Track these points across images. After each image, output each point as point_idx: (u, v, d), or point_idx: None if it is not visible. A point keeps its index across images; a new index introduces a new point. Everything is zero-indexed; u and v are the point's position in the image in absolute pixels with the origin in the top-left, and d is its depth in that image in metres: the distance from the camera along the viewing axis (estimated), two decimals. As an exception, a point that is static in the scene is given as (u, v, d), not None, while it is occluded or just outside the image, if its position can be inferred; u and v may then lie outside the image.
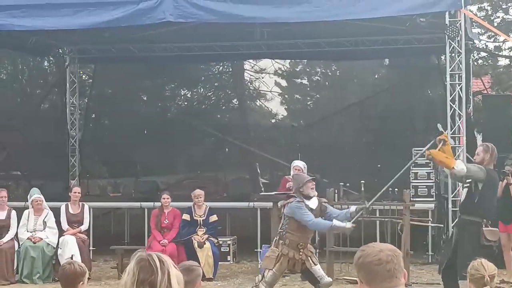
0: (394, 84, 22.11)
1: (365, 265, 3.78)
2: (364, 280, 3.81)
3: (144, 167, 19.97)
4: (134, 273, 3.28)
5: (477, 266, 5.86)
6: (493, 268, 5.82)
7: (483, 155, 9.02)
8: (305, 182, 9.86)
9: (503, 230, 12.62)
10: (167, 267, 3.31)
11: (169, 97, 24.48)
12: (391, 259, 3.75)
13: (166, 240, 13.95)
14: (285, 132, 22.34)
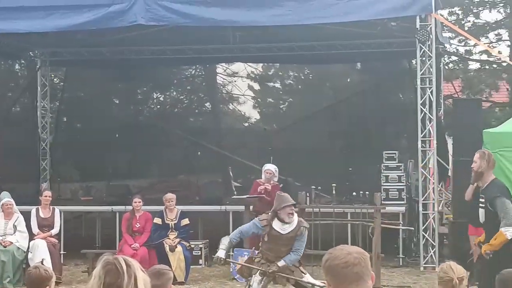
0: (366, 88, 22.21)
1: (332, 267, 3.79)
2: (332, 283, 3.81)
3: (116, 171, 19.86)
4: (100, 277, 3.27)
5: (446, 269, 5.89)
6: (462, 271, 5.85)
7: (479, 162, 8.99)
8: (283, 207, 9.71)
9: (474, 233, 12.68)
10: (134, 271, 3.30)
11: (141, 100, 24.40)
12: (358, 262, 3.75)
13: (138, 244, 13.90)
14: (258, 135, 22.34)
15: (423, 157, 15.16)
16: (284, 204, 9.73)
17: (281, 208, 9.72)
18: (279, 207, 9.72)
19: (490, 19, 22.90)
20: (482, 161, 8.86)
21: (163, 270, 5.93)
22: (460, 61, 23.48)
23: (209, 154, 20.59)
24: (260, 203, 14.17)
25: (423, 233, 14.81)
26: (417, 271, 14.45)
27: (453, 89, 22.99)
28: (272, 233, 9.69)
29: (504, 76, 22.25)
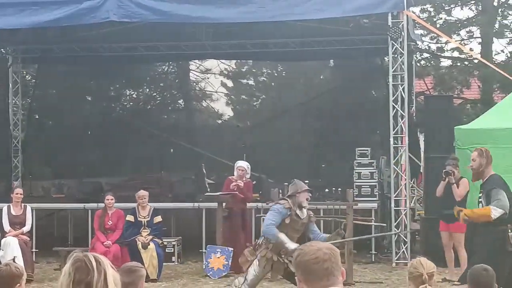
0: (339, 84, 22.29)
1: (303, 263, 3.80)
2: (302, 278, 3.83)
3: (88, 168, 19.79)
4: (70, 274, 3.26)
5: (415, 264, 5.92)
6: (431, 266, 5.87)
7: (479, 160, 9.01)
8: (302, 191, 9.81)
9: (445, 229, 12.80)
10: (104, 267, 3.30)
11: (113, 97, 24.30)
12: (328, 258, 3.77)
13: (110, 241, 13.85)
14: (231, 132, 22.34)
15: (395, 154, 15.24)
16: (304, 188, 9.84)
17: (301, 192, 9.79)
18: (300, 190, 9.79)
19: (461, 17, 23.09)
20: (482, 159, 8.89)
21: (135, 267, 5.91)
22: (432, 58, 23.61)
23: (182, 151, 20.55)
24: (233, 200, 14.19)
25: (395, 229, 14.89)
26: (389, 267, 14.53)
27: (425, 86, 23.12)
28: (293, 217, 9.74)
29: (475, 73, 22.38)
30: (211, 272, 13.82)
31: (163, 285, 13.13)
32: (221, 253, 13.89)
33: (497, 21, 22.39)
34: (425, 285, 5.77)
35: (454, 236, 12.65)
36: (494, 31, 22.13)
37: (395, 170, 15.20)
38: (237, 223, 14.22)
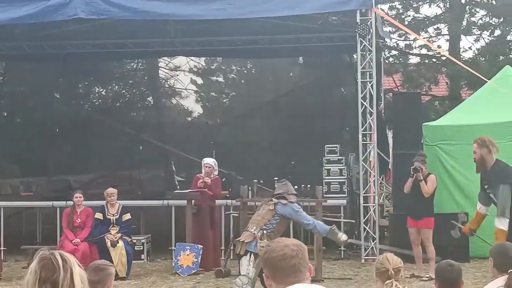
0: (308, 82, 22.34)
1: (270, 260, 3.81)
2: (270, 275, 3.84)
3: (57, 166, 19.65)
4: (36, 272, 3.24)
5: (382, 260, 5.95)
6: (398, 262, 5.91)
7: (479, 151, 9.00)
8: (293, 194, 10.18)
9: (413, 225, 12.87)
10: (70, 266, 3.28)
11: (82, 94, 24.16)
12: (296, 254, 3.78)
13: (79, 239, 13.79)
14: (201, 129, 22.30)
15: (364, 151, 15.31)
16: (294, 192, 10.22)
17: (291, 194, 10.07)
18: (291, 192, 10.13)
19: (429, 14, 23.20)
20: (482, 149, 8.89)
21: (103, 266, 5.88)
22: (400, 55, 23.73)
23: (151, 149, 20.46)
24: (202, 197, 14.17)
25: (364, 225, 14.96)
26: (358, 263, 14.60)
27: (393, 83, 23.25)
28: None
29: (443, 70, 22.54)
30: (181, 269, 13.80)
31: (132, 283, 13.10)
32: (190, 250, 13.88)
33: (464, 18, 22.55)
34: (391, 281, 5.80)
35: (422, 232, 12.73)
36: (461, 28, 22.29)
37: (363, 167, 15.27)
38: (206, 220, 14.20)
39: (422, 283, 12.24)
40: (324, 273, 13.07)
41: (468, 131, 14.72)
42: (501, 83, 15.00)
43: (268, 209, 10.01)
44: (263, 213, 10.03)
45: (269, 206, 10.03)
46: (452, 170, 14.93)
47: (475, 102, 16.01)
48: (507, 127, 14.60)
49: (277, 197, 10.14)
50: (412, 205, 12.85)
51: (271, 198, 10.19)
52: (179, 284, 12.87)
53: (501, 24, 22.04)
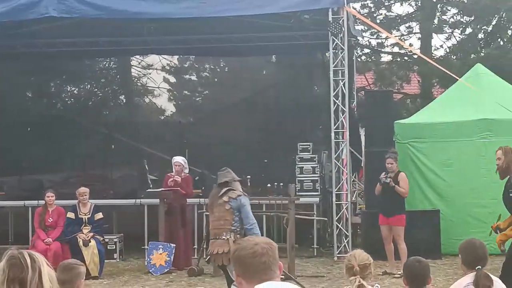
0: (281, 80, 22.37)
1: (240, 258, 3.82)
2: (240, 273, 3.85)
3: (29, 165, 19.49)
4: (4, 271, 3.24)
5: (349, 256, 6.01)
6: (365, 258, 5.95)
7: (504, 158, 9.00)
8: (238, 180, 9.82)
9: (384, 223, 12.94)
10: (39, 265, 3.27)
11: (54, 93, 24.01)
12: (266, 252, 3.79)
13: (50, 238, 13.72)
14: (174, 128, 22.24)
15: (337, 149, 15.36)
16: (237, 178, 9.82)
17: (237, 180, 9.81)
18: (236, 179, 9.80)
19: (401, 12, 23.32)
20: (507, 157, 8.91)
21: (72, 265, 5.86)
22: (372, 53, 23.83)
23: (123, 148, 20.35)
24: (174, 196, 14.15)
25: (337, 223, 15.01)
26: (331, 261, 14.64)
27: (365, 81, 23.36)
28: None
29: (415, 68, 22.68)
30: (153, 268, 13.78)
31: (105, 282, 13.05)
32: (163, 249, 13.86)
33: (436, 16, 22.68)
34: (355, 277, 5.84)
35: (394, 229, 12.82)
36: (433, 27, 22.43)
37: (336, 165, 15.32)
38: (177, 219, 14.18)
39: (394, 280, 12.30)
40: (297, 271, 13.09)
41: (440, 129, 14.84)
42: (472, 81, 15.11)
43: (225, 209, 9.55)
44: (224, 215, 9.57)
45: (224, 206, 9.55)
46: (423, 167, 15.03)
47: (447, 100, 16.12)
48: (478, 125, 14.72)
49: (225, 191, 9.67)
50: (383, 203, 12.93)
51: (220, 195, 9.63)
52: (151, 283, 12.84)
53: (472, 22, 22.19)
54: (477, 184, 14.44)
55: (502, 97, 14.55)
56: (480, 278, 5.87)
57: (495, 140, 14.62)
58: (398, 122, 15.63)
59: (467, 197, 14.59)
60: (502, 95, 14.74)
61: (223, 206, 9.55)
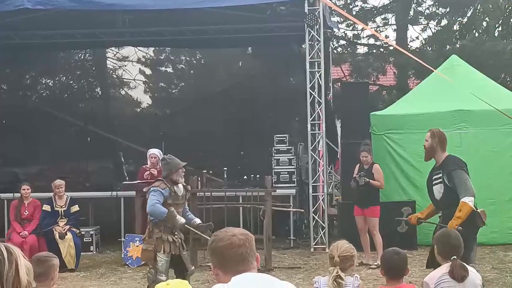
0: (258, 72, 22.35)
1: (217, 249, 3.83)
2: (217, 264, 3.86)
3: (4, 158, 19.40)
4: (-19, 264, 3.22)
5: (332, 247, 6.06)
6: (347, 249, 5.99)
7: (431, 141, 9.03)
8: (177, 169, 9.76)
9: (359, 214, 13.02)
10: (15, 258, 3.26)
11: (29, 85, 23.85)
12: (243, 243, 3.80)
13: (26, 231, 13.68)
14: (150, 120, 22.19)
15: (313, 140, 15.38)
16: (178, 166, 9.73)
17: (176, 171, 9.71)
18: (175, 169, 9.71)
19: (377, 4, 23.39)
20: (433, 140, 8.95)
21: (45, 257, 5.86)
22: (348, 45, 23.89)
23: (99, 140, 20.28)
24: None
25: (313, 214, 15.05)
26: (308, 252, 14.69)
27: (341, 73, 23.42)
28: (172, 195, 9.67)
29: (391, 60, 22.76)
30: (130, 260, 13.76)
31: (81, 274, 13.02)
32: (139, 241, 13.78)
33: (412, 8, 22.77)
34: (335, 268, 5.88)
35: (369, 220, 12.90)
36: (409, 18, 22.52)
37: (312, 156, 15.35)
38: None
39: (370, 270, 12.37)
40: (273, 262, 13.13)
41: (416, 120, 14.91)
42: (447, 73, 15.17)
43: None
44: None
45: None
46: (399, 159, 15.10)
47: (422, 91, 16.20)
48: (453, 116, 14.81)
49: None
50: (358, 194, 13.00)
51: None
52: (128, 276, 12.83)
53: (448, 14, 22.30)
54: (452, 175, 14.50)
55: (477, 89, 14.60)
56: (455, 267, 5.93)
57: (470, 131, 14.75)
58: (374, 113, 15.68)
59: (442, 187, 14.65)
60: (477, 87, 14.82)
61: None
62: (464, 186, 8.58)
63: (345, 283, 5.88)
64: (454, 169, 8.71)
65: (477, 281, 6.00)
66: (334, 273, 5.87)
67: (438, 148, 8.92)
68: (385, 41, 22.19)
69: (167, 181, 9.68)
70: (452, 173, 8.69)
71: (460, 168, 8.72)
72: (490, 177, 14.49)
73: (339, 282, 5.84)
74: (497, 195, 14.52)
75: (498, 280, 11.37)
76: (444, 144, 9.00)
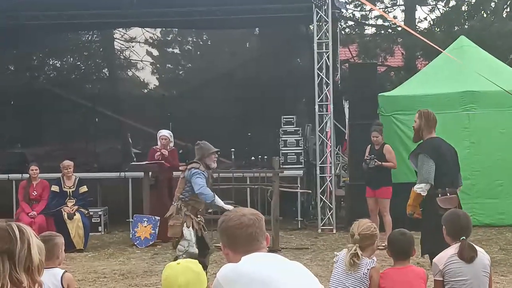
0: (265, 53, 22.29)
1: (227, 229, 3.85)
2: (227, 244, 3.88)
3: (12, 139, 19.47)
4: (-8, 243, 3.24)
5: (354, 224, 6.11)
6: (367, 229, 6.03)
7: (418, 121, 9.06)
8: (210, 153, 9.89)
9: (371, 195, 13.00)
10: (28, 237, 3.27)
11: (37, 67, 23.85)
12: (252, 223, 3.82)
13: (35, 212, 13.73)
14: (157, 101, 22.16)
15: (320, 121, 15.38)
16: (211, 150, 9.92)
17: (208, 155, 9.87)
18: (207, 153, 9.86)
19: (385, -16, 23.29)
20: (420, 120, 8.98)
21: (49, 236, 5.89)
22: (356, 26, 23.81)
23: (107, 121, 20.31)
24: (160, 169, 14.17)
25: (321, 196, 15.07)
26: (315, 233, 14.72)
27: (349, 54, 23.35)
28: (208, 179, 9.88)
29: (399, 41, 22.69)
30: (138, 241, 13.82)
31: (90, 255, 13.08)
32: (148, 222, 13.89)
33: (420, -12, 22.69)
34: (354, 245, 5.92)
35: (380, 201, 12.88)
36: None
37: (320, 138, 15.35)
38: (164, 192, 14.21)
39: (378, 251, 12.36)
40: (281, 243, 13.17)
41: (424, 101, 14.86)
42: (456, 53, 15.13)
43: (181, 178, 10.04)
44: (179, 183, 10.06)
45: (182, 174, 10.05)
46: (407, 140, 15.05)
47: (430, 72, 16.15)
48: (462, 97, 14.78)
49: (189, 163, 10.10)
50: (370, 176, 12.98)
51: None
52: (136, 256, 12.88)
53: (456, -6, 22.21)
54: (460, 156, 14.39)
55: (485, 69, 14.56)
56: (464, 248, 5.94)
57: (478, 112, 14.72)
58: (382, 94, 15.66)
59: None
60: (485, 67, 14.78)
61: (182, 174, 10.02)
62: (419, 172, 8.68)
63: (360, 263, 5.91)
64: (420, 153, 8.78)
65: (486, 261, 6.01)
66: (352, 251, 5.90)
67: (425, 129, 8.95)
68: (393, 22, 22.11)
69: (201, 163, 9.80)
70: (419, 156, 8.76)
71: (424, 153, 8.75)
72: (498, 158, 14.49)
73: (354, 261, 5.86)
74: (504, 176, 14.52)
75: (505, 261, 11.39)
76: (431, 125, 9.01)
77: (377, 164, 12.71)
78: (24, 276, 3.19)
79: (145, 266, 11.79)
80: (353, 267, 5.89)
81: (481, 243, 9.56)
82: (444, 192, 8.62)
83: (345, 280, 5.93)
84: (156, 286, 9.96)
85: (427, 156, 8.73)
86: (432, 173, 8.63)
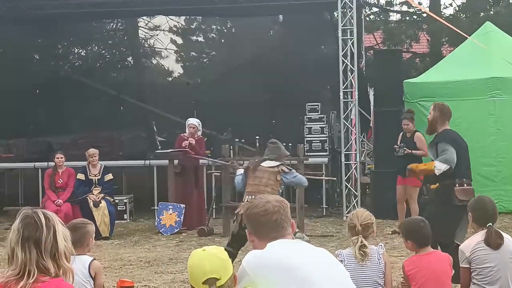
0: (289, 40, 22.22)
1: (252, 216, 3.86)
2: (252, 230, 3.89)
3: (37, 127, 19.54)
4: (19, 230, 3.27)
5: (352, 216, 6.03)
6: (367, 218, 5.95)
7: (433, 113, 9.01)
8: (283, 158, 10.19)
9: (401, 183, 12.90)
10: (53, 224, 3.29)
11: (62, 55, 23.96)
12: (277, 210, 3.83)
13: (61, 200, 13.81)
14: (181, 89, 22.17)
15: (345, 108, 15.34)
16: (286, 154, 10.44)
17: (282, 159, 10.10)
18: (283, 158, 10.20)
19: (410, -30, 23.13)
20: (435, 113, 8.91)
21: (80, 224, 5.92)
22: (381, 12, 23.69)
23: (132, 109, 20.39)
24: (185, 157, 14.19)
25: (346, 183, 15.04)
26: (340, 221, 14.69)
27: (374, 41, 23.24)
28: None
29: (424, 27, 22.55)
30: (163, 228, 13.87)
31: (116, 242, 13.14)
32: (173, 209, 13.93)
33: (445, -26, 22.53)
34: (357, 237, 5.86)
35: (409, 189, 12.76)
36: (442, -15, 22.28)
37: (345, 125, 15.32)
38: (190, 180, 14.25)
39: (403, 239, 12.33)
40: (306, 230, 13.15)
41: (449, 88, 14.78)
42: (481, 40, 15.02)
43: (275, 179, 9.77)
44: (271, 183, 9.75)
45: (275, 175, 9.77)
46: (432, 127, 14.98)
47: (456, 58, 16.04)
48: (487, 83, 14.67)
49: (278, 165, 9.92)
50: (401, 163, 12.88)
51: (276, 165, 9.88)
52: (162, 243, 12.93)
53: (482, -20, 22.03)
54: (486, 143, 14.42)
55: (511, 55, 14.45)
56: (491, 235, 5.90)
57: (504, 99, 14.60)
58: (407, 81, 15.58)
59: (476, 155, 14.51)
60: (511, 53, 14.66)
61: (274, 175, 9.80)
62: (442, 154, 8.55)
63: (370, 252, 5.86)
64: (439, 142, 8.68)
65: (512, 248, 5.97)
66: (359, 243, 5.83)
67: (439, 121, 8.86)
68: (418, 8, 21.97)
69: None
70: (438, 144, 8.66)
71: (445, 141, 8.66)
72: (524, 144, 14.39)
73: (364, 251, 5.81)
74: (530, 162, 14.42)
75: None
76: (446, 117, 8.91)
77: (407, 152, 12.62)
78: (50, 263, 3.21)
79: (170, 254, 11.83)
80: (365, 257, 5.82)
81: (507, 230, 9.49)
82: (461, 182, 8.53)
83: (362, 273, 5.83)
84: (182, 273, 9.98)
85: (448, 144, 8.65)
86: (455, 159, 8.55)
